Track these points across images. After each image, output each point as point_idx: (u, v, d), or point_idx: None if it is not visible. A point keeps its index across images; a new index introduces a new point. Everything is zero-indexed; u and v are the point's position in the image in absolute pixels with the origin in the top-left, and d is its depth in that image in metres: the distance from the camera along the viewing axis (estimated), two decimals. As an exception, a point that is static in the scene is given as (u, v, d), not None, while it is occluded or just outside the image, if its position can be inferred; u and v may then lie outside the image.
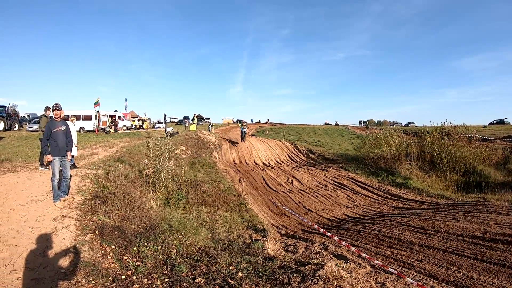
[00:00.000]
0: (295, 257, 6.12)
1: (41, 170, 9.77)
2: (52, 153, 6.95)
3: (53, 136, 6.96)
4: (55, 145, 6.99)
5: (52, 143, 6.98)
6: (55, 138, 6.98)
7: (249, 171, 22.71)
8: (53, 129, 6.98)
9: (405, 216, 11.58)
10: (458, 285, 5.83)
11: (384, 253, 7.93)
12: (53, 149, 6.97)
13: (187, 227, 7.61)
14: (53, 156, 6.95)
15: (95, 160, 12.90)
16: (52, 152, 6.95)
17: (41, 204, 6.94)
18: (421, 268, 6.73)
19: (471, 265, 6.71)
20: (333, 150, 31.19)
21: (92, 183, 8.80)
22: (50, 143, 6.98)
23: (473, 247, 7.65)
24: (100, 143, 19.08)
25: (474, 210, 11.30)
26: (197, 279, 4.60)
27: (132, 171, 11.59)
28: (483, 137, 26.23)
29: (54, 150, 6.98)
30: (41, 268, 4.67)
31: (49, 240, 5.41)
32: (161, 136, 14.20)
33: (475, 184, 17.74)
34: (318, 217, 13.43)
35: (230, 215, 10.72)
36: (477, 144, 21.98)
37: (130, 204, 7.56)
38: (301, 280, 4.25)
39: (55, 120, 7.16)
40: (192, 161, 19.28)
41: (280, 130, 49.32)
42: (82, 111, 29.73)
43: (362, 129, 55.48)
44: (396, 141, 23.67)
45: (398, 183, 18.70)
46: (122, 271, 4.89)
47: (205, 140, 27.60)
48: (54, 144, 6.98)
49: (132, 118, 46.73)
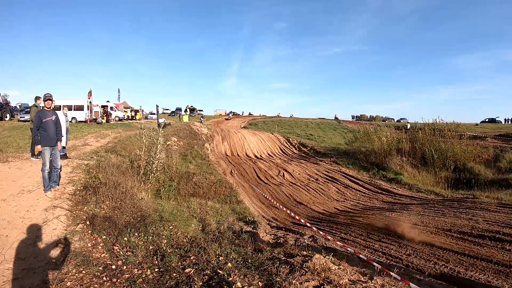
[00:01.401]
0: (284, 249, 6.18)
1: (32, 161, 9.74)
2: (42, 143, 6.90)
3: (44, 126, 6.90)
4: (46, 135, 6.93)
5: (42, 133, 6.91)
6: (45, 128, 6.91)
7: (241, 163, 22.78)
8: (43, 118, 6.91)
9: (395, 211, 11.74)
10: (445, 279, 5.94)
11: (373, 247, 8.05)
12: (43, 139, 6.91)
13: (177, 218, 7.65)
14: (43, 146, 6.90)
15: (86, 150, 12.85)
16: (42, 142, 6.89)
17: (32, 194, 6.94)
18: (409, 262, 6.85)
19: (458, 260, 6.83)
20: (325, 144, 31.36)
21: (83, 174, 8.80)
22: (40, 133, 6.91)
23: (461, 242, 7.80)
24: (92, 133, 18.97)
25: (463, 206, 11.46)
26: (186, 269, 4.66)
27: (124, 162, 11.58)
28: (474, 135, 26.50)
29: (44, 140, 6.92)
30: (32, 258, 4.70)
31: (40, 231, 5.43)
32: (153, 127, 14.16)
33: (465, 181, 18.00)
34: (308, 210, 13.56)
35: (221, 206, 10.80)
36: (468, 142, 22.26)
37: (121, 194, 7.57)
38: (289, 271, 4.32)
39: (45, 110, 7.09)
40: (184, 152, 19.29)
41: (273, 123, 49.33)
42: (74, 101, 29.41)
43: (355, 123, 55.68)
44: (386, 136, 23.84)
45: (388, 178, 18.91)
46: (112, 261, 4.93)
47: (197, 132, 27.56)
48: (45, 134, 6.92)
49: (125, 108, 46.41)
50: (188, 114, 43.00)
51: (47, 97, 7.07)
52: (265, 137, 33.18)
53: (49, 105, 7.11)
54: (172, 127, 28.48)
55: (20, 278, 4.28)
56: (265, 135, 34.03)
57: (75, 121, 28.20)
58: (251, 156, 26.83)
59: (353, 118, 74.88)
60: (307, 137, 36.64)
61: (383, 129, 25.35)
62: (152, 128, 13.91)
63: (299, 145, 31.13)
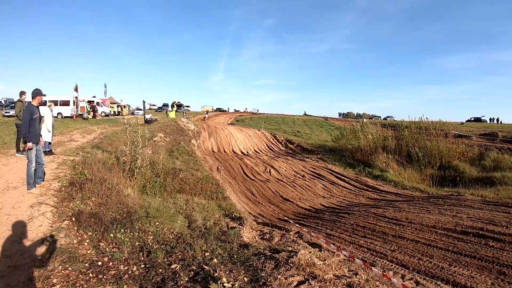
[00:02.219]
0: (270, 245, 6.28)
1: (18, 157, 9.64)
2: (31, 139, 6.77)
3: (32, 123, 6.76)
4: (33, 132, 6.79)
5: (31, 129, 6.73)
6: (33, 125, 6.79)
7: (228, 160, 22.82)
8: (33, 115, 6.78)
9: (380, 207, 11.91)
10: (429, 275, 6.08)
11: (358, 243, 8.19)
12: (32, 136, 6.75)
13: (164, 214, 7.68)
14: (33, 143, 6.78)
15: (72, 146, 12.75)
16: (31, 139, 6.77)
17: (18, 191, 6.88)
18: (394, 258, 7.00)
19: (442, 256, 6.98)
20: (311, 141, 31.57)
21: (69, 170, 8.74)
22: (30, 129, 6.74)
23: (445, 239, 7.96)
24: (78, 129, 18.77)
25: (447, 203, 11.67)
26: (172, 265, 4.72)
27: (110, 157, 11.53)
28: (459, 133, 26.96)
29: (32, 137, 6.77)
30: (17, 255, 4.70)
31: (26, 227, 5.41)
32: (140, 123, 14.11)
33: (450, 179, 18.30)
34: (295, 207, 13.69)
35: (207, 203, 10.84)
36: (453, 140, 22.65)
37: (107, 191, 7.56)
38: (275, 266, 4.41)
39: (34, 106, 6.94)
40: (170, 148, 19.25)
41: (260, 120, 49.41)
42: (60, 96, 29.02)
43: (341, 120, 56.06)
44: (372, 133, 24.10)
45: (374, 175, 19.18)
46: (98, 257, 4.96)
47: (184, 128, 27.48)
48: (33, 130, 6.77)
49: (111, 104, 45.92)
50: (175, 110, 42.70)
51: (39, 93, 6.93)
52: (252, 133, 33.25)
53: (40, 101, 7.02)
54: (158, 123, 28.33)
55: (6, 276, 4.29)
56: (252, 132, 34.09)
57: (61, 117, 27.86)
58: (237, 153, 26.88)
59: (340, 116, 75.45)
60: (294, 134, 36.84)
61: (369, 126, 25.62)
62: (137, 123, 13.85)
63: (285, 141, 31.30)
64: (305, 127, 45.40)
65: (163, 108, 65.63)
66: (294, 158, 24.36)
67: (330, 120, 55.52)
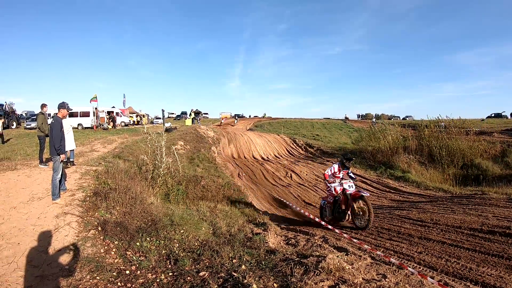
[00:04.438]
0: (296, 250, 6.14)
1: (41, 168, 9.76)
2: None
3: (62, 135, 7.06)
4: (64, 143, 7.11)
5: (62, 141, 7.02)
6: (63, 136, 7.09)
7: (248, 166, 22.75)
8: (62, 127, 7.08)
9: (404, 209, 11.61)
10: (458, 276, 5.84)
11: (384, 245, 7.95)
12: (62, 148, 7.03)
13: (188, 221, 7.62)
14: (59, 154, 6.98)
15: (94, 156, 12.88)
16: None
17: (42, 201, 6.94)
18: (421, 260, 6.76)
19: (469, 257, 6.72)
20: (331, 144, 31.24)
21: (92, 180, 8.79)
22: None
23: (472, 239, 7.67)
24: (98, 139, 19.04)
25: (472, 203, 11.29)
26: (201, 273, 4.62)
27: (132, 167, 11.58)
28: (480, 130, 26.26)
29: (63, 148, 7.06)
30: (44, 265, 4.68)
31: (52, 237, 5.42)
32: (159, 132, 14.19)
33: (473, 177, 17.71)
34: (317, 211, 13.47)
35: (230, 209, 10.74)
36: (475, 138, 22.03)
37: (131, 199, 7.56)
38: (304, 271, 4.28)
39: (60, 118, 7.21)
40: (191, 156, 19.28)
41: (278, 125, 49.32)
42: (80, 107, 29.65)
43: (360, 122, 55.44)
44: (392, 134, 23.65)
45: (396, 176, 18.73)
46: (126, 266, 4.90)
47: (203, 135, 27.57)
48: (63, 142, 7.08)
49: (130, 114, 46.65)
50: (192, 117, 42.99)
51: (61, 106, 7.24)
52: (271, 138, 33.13)
53: (64, 114, 7.35)
54: (178, 131, 28.53)
55: (33, 286, 4.26)
56: (271, 137, 33.97)
57: (82, 128, 28.39)
58: (258, 158, 26.80)
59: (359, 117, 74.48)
60: (313, 137, 36.56)
61: (387, 127, 25.16)
62: (157, 132, 13.92)
63: (305, 145, 31.04)
64: (324, 130, 45.04)
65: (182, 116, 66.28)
66: (315, 162, 24.11)
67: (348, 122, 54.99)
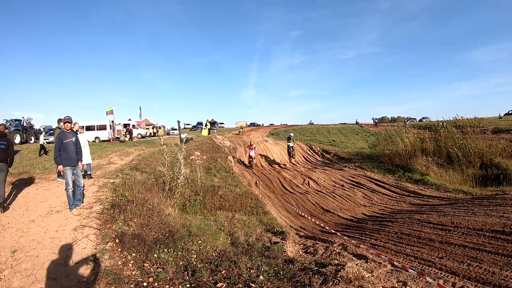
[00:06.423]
0: (315, 259, 6.02)
1: (59, 181, 9.88)
2: (64, 163, 7.24)
3: (64, 147, 7.25)
4: (66, 156, 7.27)
5: (63, 154, 7.24)
6: (65, 149, 7.26)
7: (265, 174, 22.66)
8: (64, 140, 7.27)
9: (424, 212, 11.36)
10: (480, 281, 5.65)
11: (404, 251, 7.78)
12: (64, 160, 7.25)
13: (205, 232, 7.59)
14: (65, 166, 7.24)
15: (111, 169, 13.01)
16: (63, 162, 7.24)
17: (61, 214, 7.00)
18: (442, 265, 6.57)
19: (492, 260, 6.50)
20: (348, 149, 30.90)
21: (110, 192, 8.86)
22: (61, 154, 7.24)
23: (494, 241, 7.42)
24: (115, 152, 19.27)
25: (493, 203, 11.00)
26: (218, 284, 4.55)
27: (149, 178, 11.64)
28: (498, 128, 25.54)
29: (65, 160, 7.26)
30: (63, 277, 4.69)
31: (70, 250, 5.44)
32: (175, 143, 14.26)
33: (493, 177, 17.20)
34: (336, 218, 13.27)
35: (248, 218, 10.67)
36: (492, 136, 21.46)
37: (148, 211, 7.58)
38: (323, 281, 4.18)
39: (66, 131, 7.44)
40: (208, 166, 19.31)
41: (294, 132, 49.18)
42: (96, 121, 30.24)
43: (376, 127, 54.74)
44: (409, 137, 23.25)
45: (415, 180, 18.36)
46: (143, 278, 4.87)
47: (220, 145, 27.65)
48: (65, 154, 7.26)
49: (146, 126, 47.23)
50: (208, 127, 43.22)
51: (66, 120, 7.51)
52: (287, 146, 32.97)
53: (68, 127, 7.54)
54: (194, 142, 28.68)
55: (52, 300, 4.26)
56: (288, 144, 33.80)
57: (99, 140, 28.86)
58: (274, 166, 26.67)
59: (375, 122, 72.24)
60: (329, 143, 36.27)
61: (403, 130, 24.74)
62: (174, 143, 13.99)
63: (322, 152, 30.78)
64: (340, 135, 44.65)
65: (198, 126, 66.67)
66: (332, 168, 23.85)
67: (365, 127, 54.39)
